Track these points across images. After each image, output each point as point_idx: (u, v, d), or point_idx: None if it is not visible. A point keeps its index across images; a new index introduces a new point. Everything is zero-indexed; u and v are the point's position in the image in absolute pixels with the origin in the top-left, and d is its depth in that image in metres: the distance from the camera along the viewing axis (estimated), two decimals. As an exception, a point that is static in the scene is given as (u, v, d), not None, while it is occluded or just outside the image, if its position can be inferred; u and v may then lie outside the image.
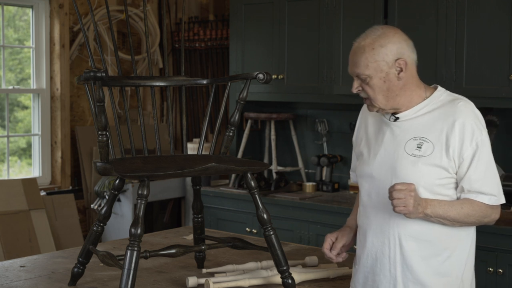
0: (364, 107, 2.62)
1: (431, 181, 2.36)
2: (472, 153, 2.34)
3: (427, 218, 2.34)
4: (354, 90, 2.44)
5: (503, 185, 4.02)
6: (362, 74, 2.39)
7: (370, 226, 2.47)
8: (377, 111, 2.46)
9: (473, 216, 2.36)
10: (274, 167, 5.26)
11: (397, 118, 2.44)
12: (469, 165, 2.34)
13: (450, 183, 2.38)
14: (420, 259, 2.39)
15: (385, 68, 2.36)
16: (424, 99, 2.44)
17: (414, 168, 2.36)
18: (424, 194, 2.35)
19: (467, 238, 2.44)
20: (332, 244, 2.59)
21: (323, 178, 5.14)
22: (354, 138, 2.67)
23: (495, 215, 2.40)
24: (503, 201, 2.40)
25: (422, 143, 2.38)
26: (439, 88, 2.48)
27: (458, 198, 2.39)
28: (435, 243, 2.39)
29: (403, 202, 2.26)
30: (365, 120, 2.60)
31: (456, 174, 2.38)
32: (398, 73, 2.38)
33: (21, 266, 3.01)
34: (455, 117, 2.35)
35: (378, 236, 2.44)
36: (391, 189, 2.28)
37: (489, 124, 4.33)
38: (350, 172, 2.74)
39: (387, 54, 2.36)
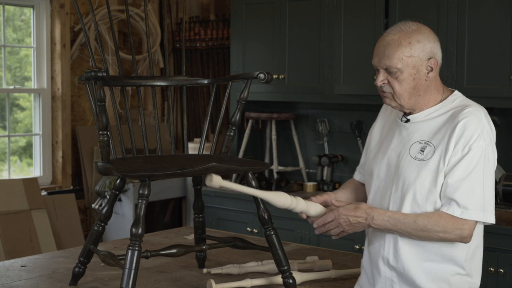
0: (385, 106, 2.60)
1: (428, 187, 2.33)
2: (459, 157, 2.28)
3: (381, 230, 2.37)
4: (379, 83, 2.37)
5: (504, 185, 4.04)
6: (394, 67, 2.32)
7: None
8: (394, 107, 2.42)
9: (431, 231, 2.27)
10: (275, 167, 5.26)
11: (408, 120, 2.43)
12: (453, 169, 2.28)
13: None
14: (415, 263, 2.37)
15: (417, 65, 2.33)
16: (438, 103, 2.41)
17: (414, 171, 2.35)
18: (421, 200, 2.33)
19: (465, 245, 2.36)
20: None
21: (324, 178, 5.14)
22: (368, 136, 2.66)
23: (461, 232, 2.26)
24: (478, 218, 2.26)
25: (425, 147, 2.36)
26: (456, 92, 2.44)
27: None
28: (429, 248, 2.36)
29: (334, 232, 2.41)
30: (384, 119, 2.60)
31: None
32: (428, 73, 2.35)
33: (22, 266, 3.01)
34: (459, 121, 2.30)
35: (377, 237, 2.44)
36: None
37: (490, 124, 4.32)
38: (357, 169, 2.74)
39: (423, 50, 2.32)
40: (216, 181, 2.31)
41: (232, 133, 2.76)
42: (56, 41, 5.67)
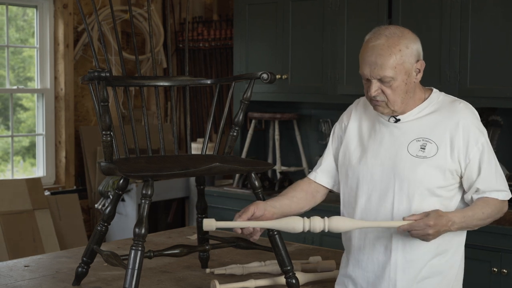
0: (357, 105, 2.58)
1: (435, 183, 2.34)
2: (479, 154, 2.35)
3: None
4: (374, 93, 2.34)
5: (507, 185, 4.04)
6: (388, 76, 2.31)
7: (368, 232, 2.43)
8: (386, 113, 2.40)
9: (493, 216, 2.39)
10: (278, 167, 5.26)
11: (397, 120, 2.42)
12: (479, 165, 2.35)
13: (453, 185, 2.38)
14: (423, 259, 2.38)
15: (409, 70, 2.33)
16: (423, 101, 2.42)
17: (418, 169, 2.34)
18: (427, 196, 2.34)
19: (461, 239, 2.45)
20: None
21: (327, 178, 5.13)
22: (338, 138, 2.59)
23: (506, 207, 2.44)
24: (511, 194, 2.44)
25: (426, 144, 2.36)
26: (435, 90, 2.47)
27: (471, 199, 2.38)
28: (433, 244, 2.36)
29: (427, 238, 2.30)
30: (358, 121, 2.54)
31: (460, 176, 2.37)
32: (416, 75, 2.37)
33: (25, 266, 3.01)
34: (459, 118, 2.35)
35: (381, 239, 2.41)
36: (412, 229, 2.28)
37: (493, 124, 4.32)
38: (319, 171, 2.60)
39: (412, 55, 2.33)
40: (207, 225, 2.28)
41: (235, 133, 2.76)
42: (59, 41, 5.68)
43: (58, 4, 5.65)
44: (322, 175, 2.61)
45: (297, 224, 2.34)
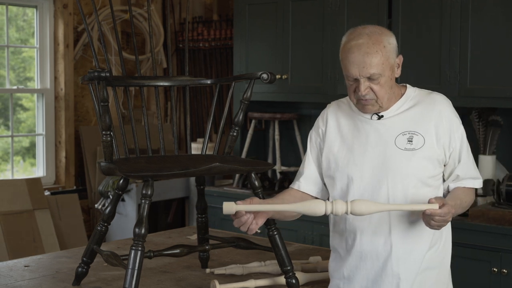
0: (331, 108, 2.59)
1: (427, 173, 2.38)
2: (459, 142, 2.43)
3: None
4: (364, 92, 2.35)
5: (507, 186, 4.05)
6: (377, 73, 2.32)
7: (365, 228, 2.42)
8: (375, 111, 2.41)
9: (470, 203, 2.47)
10: (278, 167, 5.26)
11: (381, 117, 2.43)
12: (459, 154, 2.43)
13: (440, 173, 2.43)
14: (421, 251, 2.39)
15: (392, 65, 2.37)
16: (401, 96, 2.46)
17: (409, 162, 2.37)
18: (420, 187, 2.38)
19: (449, 229, 2.49)
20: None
21: (327, 178, 5.13)
22: (318, 142, 2.58)
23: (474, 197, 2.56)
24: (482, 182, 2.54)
25: (412, 136, 2.39)
26: (409, 85, 2.51)
27: (447, 188, 2.46)
28: (429, 235, 2.40)
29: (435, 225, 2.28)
30: (335, 122, 2.54)
31: (444, 164, 2.43)
32: (397, 70, 2.41)
33: (25, 266, 3.01)
34: (440, 109, 2.41)
35: (378, 236, 2.41)
36: (434, 217, 2.24)
37: (493, 124, 4.32)
38: (302, 179, 2.59)
39: (393, 50, 2.37)
40: (227, 208, 2.26)
41: (235, 133, 2.76)
42: (59, 41, 5.68)
43: (58, 4, 5.65)
44: (305, 183, 2.60)
45: (319, 207, 2.28)
